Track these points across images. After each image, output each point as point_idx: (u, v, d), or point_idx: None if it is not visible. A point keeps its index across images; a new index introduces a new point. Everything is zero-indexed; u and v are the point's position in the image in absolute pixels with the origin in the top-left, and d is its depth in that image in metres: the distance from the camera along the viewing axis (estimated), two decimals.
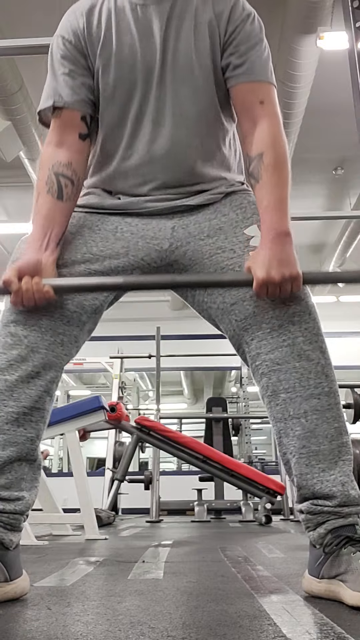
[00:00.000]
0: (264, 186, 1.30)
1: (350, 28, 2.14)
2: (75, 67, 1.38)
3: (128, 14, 1.36)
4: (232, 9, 1.36)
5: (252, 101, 1.34)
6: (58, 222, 1.33)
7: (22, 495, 1.26)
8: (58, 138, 1.38)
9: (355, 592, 1.09)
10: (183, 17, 1.36)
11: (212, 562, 1.90)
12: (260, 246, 1.27)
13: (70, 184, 1.35)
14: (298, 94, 4.82)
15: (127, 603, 1.17)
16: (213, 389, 14.43)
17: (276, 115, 1.35)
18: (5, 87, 4.85)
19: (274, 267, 1.22)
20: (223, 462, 4.47)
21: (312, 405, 1.25)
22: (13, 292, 1.26)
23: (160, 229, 1.38)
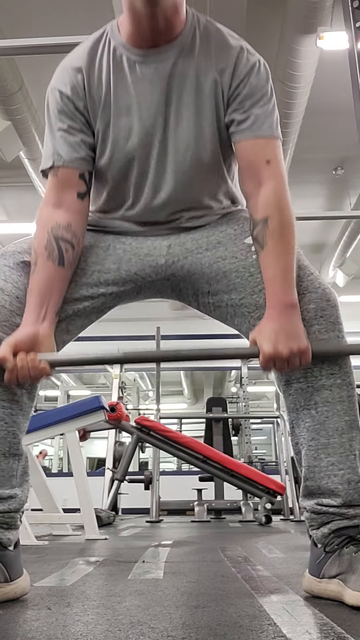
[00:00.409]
0: (269, 253, 1.25)
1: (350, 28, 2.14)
2: (73, 122, 1.32)
3: (127, 72, 1.30)
4: (236, 62, 1.29)
5: (258, 161, 1.28)
6: (57, 290, 1.28)
7: (14, 492, 1.25)
8: (56, 198, 1.32)
9: (356, 592, 1.09)
10: (185, 77, 1.29)
11: (212, 562, 1.90)
12: (266, 318, 1.23)
13: (70, 249, 1.30)
14: (298, 94, 4.82)
15: (127, 603, 1.17)
16: (213, 389, 14.44)
17: (282, 176, 1.29)
18: (5, 87, 4.85)
19: (281, 340, 1.17)
20: (223, 462, 4.47)
21: (323, 396, 1.22)
22: (7, 370, 1.20)
23: (155, 247, 1.37)
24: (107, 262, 1.36)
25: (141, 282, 1.38)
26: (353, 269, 8.54)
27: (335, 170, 6.96)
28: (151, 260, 1.37)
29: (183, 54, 1.30)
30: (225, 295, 1.33)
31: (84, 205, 1.34)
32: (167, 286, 1.40)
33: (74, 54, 1.36)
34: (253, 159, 1.29)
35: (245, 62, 1.30)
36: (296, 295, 1.23)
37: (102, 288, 1.35)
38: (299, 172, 6.33)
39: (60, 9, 4.60)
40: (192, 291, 1.39)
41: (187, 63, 1.30)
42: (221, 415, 5.84)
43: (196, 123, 1.31)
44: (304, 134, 5.52)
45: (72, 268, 1.32)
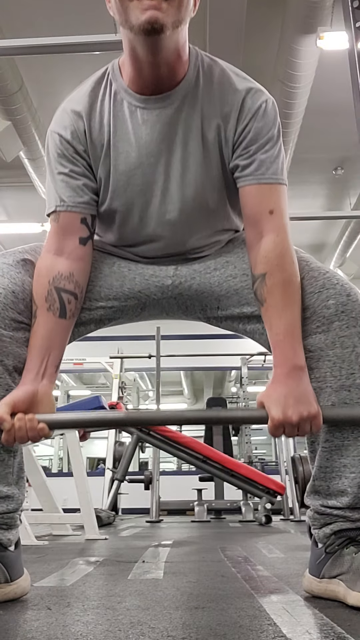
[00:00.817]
0: (269, 310, 1.21)
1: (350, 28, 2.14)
2: (74, 166, 1.29)
3: (127, 118, 1.27)
4: (241, 106, 1.25)
5: (260, 210, 1.25)
6: (58, 344, 1.25)
7: (12, 492, 1.24)
8: (57, 245, 1.28)
9: (356, 592, 1.09)
10: (189, 125, 1.26)
11: (212, 562, 1.90)
12: (274, 381, 1.17)
13: (73, 299, 1.27)
14: (298, 94, 4.82)
15: (127, 603, 1.17)
16: (213, 389, 14.44)
17: (284, 227, 1.24)
18: (5, 87, 4.85)
19: (290, 405, 1.12)
20: (223, 462, 4.47)
21: (341, 397, 1.19)
22: (5, 431, 1.16)
23: (161, 269, 1.36)
24: (111, 279, 1.35)
25: (145, 299, 1.36)
26: (353, 269, 8.55)
27: (335, 170, 6.97)
28: (157, 281, 1.36)
29: (186, 100, 1.26)
30: (236, 309, 1.32)
31: (87, 251, 1.31)
32: (173, 304, 1.38)
33: (75, 97, 1.31)
34: (256, 208, 1.25)
35: (250, 104, 1.25)
36: (303, 355, 1.18)
37: (101, 302, 1.34)
38: (299, 172, 6.33)
39: (60, 9, 4.60)
40: (199, 307, 1.37)
41: (190, 110, 1.26)
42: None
43: (203, 172, 1.28)
44: (304, 134, 5.52)
45: (74, 317, 1.28)
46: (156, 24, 1.13)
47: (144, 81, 1.25)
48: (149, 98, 1.26)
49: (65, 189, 1.29)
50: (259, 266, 1.24)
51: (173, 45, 1.20)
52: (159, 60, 1.21)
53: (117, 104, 1.28)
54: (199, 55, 1.29)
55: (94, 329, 1.38)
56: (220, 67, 1.29)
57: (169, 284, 1.36)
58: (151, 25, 1.13)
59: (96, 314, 1.35)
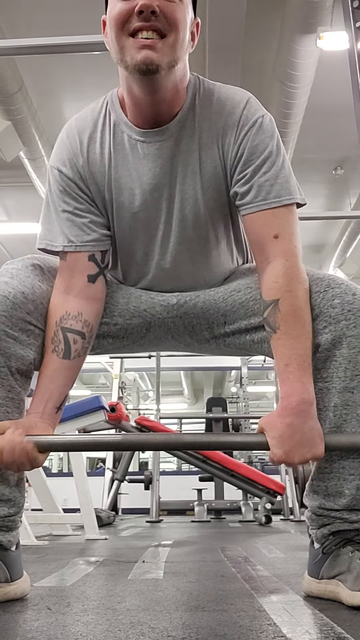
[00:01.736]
0: (282, 338, 1.16)
1: (350, 28, 2.14)
2: (78, 204, 1.28)
3: (128, 152, 1.26)
4: (238, 120, 1.23)
5: (265, 236, 1.21)
6: (61, 385, 1.23)
7: (13, 495, 1.23)
8: (66, 284, 1.27)
9: (355, 592, 1.09)
10: (188, 155, 1.25)
11: (212, 562, 1.90)
12: (280, 412, 1.12)
13: (80, 339, 1.25)
14: (298, 94, 4.82)
15: (127, 603, 1.17)
16: (213, 389, 14.45)
17: (292, 250, 1.20)
18: (5, 87, 4.85)
19: (293, 446, 1.09)
20: (223, 462, 4.47)
21: (343, 399, 1.17)
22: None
23: (167, 291, 1.36)
24: (116, 295, 1.35)
25: (150, 318, 1.35)
26: (353, 269, 8.55)
27: (335, 170, 6.97)
28: (162, 300, 1.35)
29: (185, 128, 1.25)
30: (243, 322, 1.31)
31: (97, 288, 1.29)
32: (179, 325, 1.36)
33: (73, 130, 1.30)
34: (260, 234, 1.22)
35: (245, 118, 1.23)
36: (313, 389, 1.14)
37: (106, 317, 1.33)
38: (299, 172, 6.29)
39: (60, 9, 4.60)
40: (206, 325, 1.35)
41: (189, 138, 1.25)
42: (221, 415, 5.84)
43: (203, 201, 1.27)
44: (304, 134, 5.52)
45: (81, 357, 1.26)
46: (151, 65, 1.13)
47: (143, 115, 1.24)
48: (149, 131, 1.25)
49: (72, 228, 1.27)
50: (270, 292, 1.20)
51: (170, 85, 1.20)
52: (156, 99, 1.21)
53: (117, 137, 1.27)
54: (197, 81, 1.28)
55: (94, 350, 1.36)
56: (218, 89, 1.28)
57: (174, 303, 1.35)
58: (146, 66, 1.13)
59: (99, 330, 1.33)
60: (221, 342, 1.37)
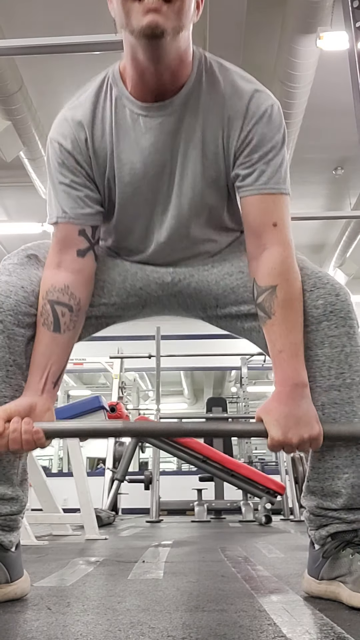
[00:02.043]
0: (277, 326, 1.18)
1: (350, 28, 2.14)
2: (75, 177, 1.27)
3: (130, 126, 1.25)
4: (246, 110, 1.22)
5: (264, 223, 1.22)
6: (56, 359, 1.23)
7: (16, 494, 1.24)
8: (57, 258, 1.27)
9: (356, 593, 1.09)
10: (191, 132, 1.24)
11: (212, 562, 1.90)
12: (275, 398, 1.16)
13: (67, 312, 1.24)
14: (298, 94, 4.82)
15: (127, 603, 1.17)
16: (213, 389, 14.45)
17: (289, 241, 1.23)
18: (5, 87, 4.85)
19: (291, 427, 1.12)
20: (223, 462, 4.48)
21: (331, 397, 1.19)
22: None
23: (161, 264, 1.36)
24: (113, 273, 1.35)
25: (146, 296, 1.36)
26: (353, 269, 8.55)
27: (335, 170, 6.97)
28: (157, 278, 1.35)
29: (189, 106, 1.23)
30: (234, 308, 1.32)
31: (86, 263, 1.28)
32: (173, 302, 1.38)
33: (75, 105, 1.29)
34: (259, 220, 1.23)
35: (255, 109, 1.22)
36: (306, 373, 1.17)
37: (104, 298, 1.34)
38: (299, 172, 6.33)
39: (60, 9, 4.60)
40: (200, 306, 1.37)
41: (192, 118, 1.24)
42: (221, 415, 5.84)
43: (202, 178, 1.26)
44: (304, 134, 5.52)
45: (71, 331, 1.26)
46: (157, 29, 1.12)
47: (146, 87, 1.22)
48: (152, 106, 1.23)
49: (67, 200, 1.27)
50: (267, 278, 1.21)
51: (174, 51, 1.18)
52: (161, 67, 1.19)
53: (119, 112, 1.25)
54: (202, 58, 1.26)
55: (94, 330, 1.37)
56: (225, 69, 1.26)
57: (169, 281, 1.36)
58: (151, 30, 1.12)
59: (98, 311, 1.34)
60: (214, 322, 1.40)
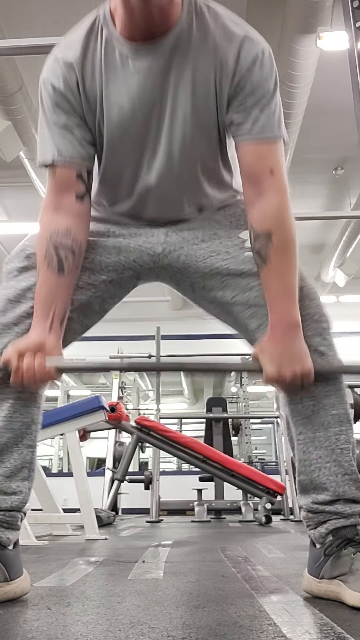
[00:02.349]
0: (273, 270, 1.23)
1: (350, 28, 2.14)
2: (70, 118, 1.27)
3: (119, 67, 1.24)
4: (238, 55, 1.21)
5: (261, 169, 1.24)
6: (61, 299, 1.27)
7: (20, 488, 1.25)
8: (55, 202, 1.29)
9: (356, 593, 1.09)
10: (181, 73, 1.23)
11: (212, 562, 1.90)
12: (269, 337, 1.22)
13: (71, 255, 1.27)
14: (298, 94, 4.83)
15: (127, 603, 1.17)
16: (213, 389, 14.43)
17: (285, 188, 1.25)
18: (5, 87, 4.85)
19: (284, 363, 1.18)
20: (223, 462, 4.47)
21: (309, 391, 1.23)
22: (13, 372, 1.20)
23: (153, 234, 1.37)
24: (108, 243, 1.36)
25: (139, 269, 1.37)
26: (353, 269, 8.55)
27: (335, 170, 6.97)
28: (149, 248, 1.36)
29: (179, 47, 1.22)
30: (219, 292, 1.34)
31: (84, 207, 1.31)
32: (165, 275, 1.40)
33: (66, 46, 1.28)
34: (256, 166, 1.24)
35: (246, 55, 1.21)
36: (298, 315, 1.22)
37: (103, 274, 1.35)
38: (299, 172, 6.33)
39: (60, 9, 4.60)
40: (188, 283, 1.39)
41: (182, 59, 1.23)
42: (221, 415, 5.84)
43: (192, 121, 1.26)
44: (304, 134, 5.52)
45: (74, 274, 1.29)
46: None
47: (135, 26, 1.21)
48: (141, 46, 1.22)
49: (62, 141, 1.27)
50: (263, 222, 1.24)
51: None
52: (151, 6, 1.17)
53: (109, 53, 1.24)
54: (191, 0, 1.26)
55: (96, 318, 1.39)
56: (215, 12, 1.25)
57: (159, 252, 1.36)
58: None
59: (99, 291, 1.35)
60: (204, 305, 1.41)
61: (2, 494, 1.24)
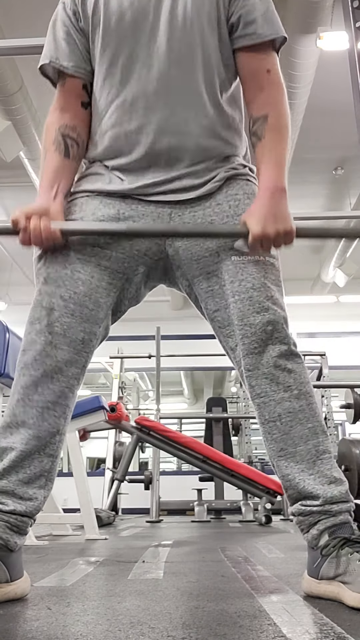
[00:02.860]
0: (266, 144, 1.34)
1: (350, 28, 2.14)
2: (75, 32, 1.41)
3: None
4: None
5: (259, 69, 1.37)
6: (65, 177, 1.38)
7: (36, 495, 1.27)
8: (63, 104, 1.42)
9: (356, 593, 1.09)
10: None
11: (212, 562, 1.90)
12: (257, 201, 1.31)
13: (75, 145, 1.40)
14: (298, 94, 4.82)
15: (127, 603, 1.17)
16: (213, 389, 14.43)
17: (281, 84, 1.39)
18: (5, 87, 4.85)
19: (269, 222, 1.26)
20: (223, 462, 4.47)
21: (284, 408, 1.28)
22: (21, 230, 1.30)
23: (158, 215, 1.36)
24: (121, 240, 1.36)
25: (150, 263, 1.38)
26: (353, 269, 8.54)
27: (335, 170, 6.96)
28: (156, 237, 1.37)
29: None
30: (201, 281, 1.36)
31: (87, 115, 1.43)
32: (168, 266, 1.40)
33: None
34: (255, 67, 1.38)
35: None
36: (285, 181, 1.32)
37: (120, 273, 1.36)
38: (299, 172, 6.33)
39: None
40: (186, 283, 1.40)
41: None
42: (221, 415, 5.84)
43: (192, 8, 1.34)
44: (304, 134, 5.52)
45: (76, 162, 1.41)
46: None
47: None
48: None
49: (74, 54, 1.41)
50: (260, 109, 1.36)
51: None
52: None
53: None
54: None
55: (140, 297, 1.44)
56: None
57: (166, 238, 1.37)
58: None
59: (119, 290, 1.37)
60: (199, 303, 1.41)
61: (19, 499, 1.25)
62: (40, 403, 1.28)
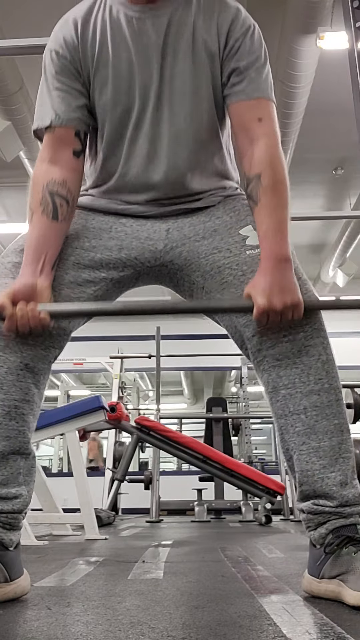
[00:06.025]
0: (263, 209, 1.27)
1: (350, 28, 2.14)
2: (70, 81, 1.34)
3: (124, 26, 1.33)
4: (232, 23, 1.33)
5: (250, 119, 1.31)
6: (52, 244, 1.29)
7: (20, 492, 1.25)
8: (51, 155, 1.34)
9: (356, 592, 1.09)
10: (181, 34, 1.32)
11: (212, 562, 1.90)
12: (260, 272, 1.24)
13: (65, 204, 1.31)
14: (298, 94, 4.82)
15: (127, 603, 1.17)
16: (213, 389, 14.44)
17: (274, 133, 1.31)
18: (5, 87, 4.85)
19: (275, 294, 1.19)
20: (223, 462, 4.47)
21: (311, 401, 1.24)
22: (7, 318, 1.22)
23: (154, 231, 1.37)
24: (110, 243, 1.37)
25: (140, 267, 1.38)
26: (353, 269, 8.54)
27: (335, 170, 6.96)
28: (151, 245, 1.37)
29: (179, 9, 1.33)
30: (218, 295, 1.34)
31: (79, 164, 1.36)
32: (164, 273, 1.40)
33: (69, 17, 1.37)
34: (245, 117, 1.32)
35: (241, 24, 1.33)
36: (289, 250, 1.25)
37: (103, 272, 1.35)
38: (299, 172, 6.33)
39: (60, 9, 4.59)
40: (188, 284, 1.39)
41: (183, 19, 1.33)
42: (221, 415, 5.83)
43: (191, 77, 1.33)
44: (304, 134, 5.52)
45: (66, 223, 1.33)
46: None
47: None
48: (144, 7, 1.32)
49: (61, 104, 1.34)
50: (252, 168, 1.29)
51: None
52: None
53: (114, 17, 1.34)
54: None
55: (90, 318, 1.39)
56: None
57: (162, 248, 1.36)
58: None
59: (100, 290, 1.36)
60: None
61: (3, 500, 1.23)
62: (7, 402, 1.24)
